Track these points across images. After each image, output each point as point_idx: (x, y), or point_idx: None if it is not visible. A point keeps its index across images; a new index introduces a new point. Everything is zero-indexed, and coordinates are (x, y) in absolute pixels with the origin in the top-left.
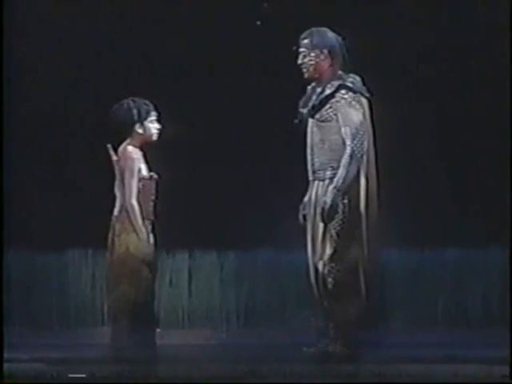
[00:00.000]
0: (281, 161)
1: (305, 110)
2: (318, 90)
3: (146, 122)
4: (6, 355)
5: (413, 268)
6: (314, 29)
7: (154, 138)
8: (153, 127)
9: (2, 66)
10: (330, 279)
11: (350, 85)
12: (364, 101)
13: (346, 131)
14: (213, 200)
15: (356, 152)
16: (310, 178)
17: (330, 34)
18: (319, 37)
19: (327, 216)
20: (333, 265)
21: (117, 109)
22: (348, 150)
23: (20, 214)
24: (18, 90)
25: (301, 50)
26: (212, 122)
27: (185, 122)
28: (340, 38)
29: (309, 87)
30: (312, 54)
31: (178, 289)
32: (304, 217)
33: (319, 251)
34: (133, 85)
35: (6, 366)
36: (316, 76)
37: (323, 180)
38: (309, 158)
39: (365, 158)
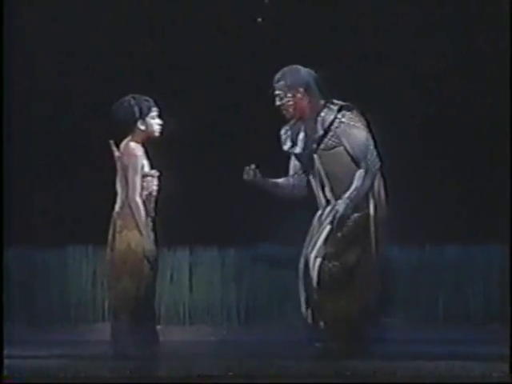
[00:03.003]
0: (281, 157)
1: (297, 149)
2: (308, 123)
3: (147, 118)
4: (6, 352)
5: (413, 265)
6: (286, 68)
7: (157, 133)
8: (155, 123)
9: (3, 62)
10: (330, 275)
11: (346, 104)
12: (360, 115)
13: (355, 152)
14: (213, 196)
15: (371, 166)
16: (332, 203)
17: (303, 72)
18: (292, 77)
19: (337, 224)
20: (334, 262)
21: (118, 107)
22: (363, 166)
23: (20, 211)
24: (19, 86)
25: (276, 92)
26: (212, 119)
27: (185, 118)
28: (313, 72)
29: (286, 127)
30: (289, 95)
31: (178, 285)
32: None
33: (320, 249)
34: (134, 81)
35: (6, 362)
36: (298, 114)
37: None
38: (327, 188)
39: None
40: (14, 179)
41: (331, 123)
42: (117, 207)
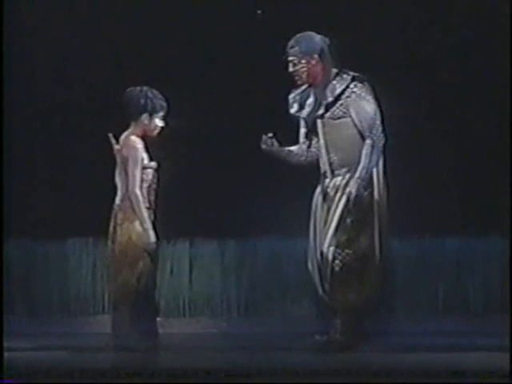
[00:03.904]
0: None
1: (303, 113)
2: (319, 89)
3: (154, 116)
4: (6, 344)
5: (413, 257)
6: (299, 35)
7: (155, 133)
8: (158, 123)
9: (2, 53)
10: (338, 262)
11: (359, 75)
12: (371, 88)
13: (362, 125)
14: (214, 188)
15: (377, 141)
16: (328, 177)
17: (317, 38)
18: (307, 42)
19: (353, 206)
20: (347, 250)
21: (133, 91)
22: (368, 141)
23: (21, 203)
24: (19, 81)
25: (290, 58)
26: (213, 112)
27: (185, 111)
28: (327, 40)
29: (296, 91)
30: (303, 61)
31: (178, 277)
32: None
33: (331, 238)
34: (134, 75)
35: (6, 354)
36: (310, 81)
37: (343, 175)
38: (325, 157)
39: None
40: (14, 172)
41: (342, 92)
42: (117, 200)
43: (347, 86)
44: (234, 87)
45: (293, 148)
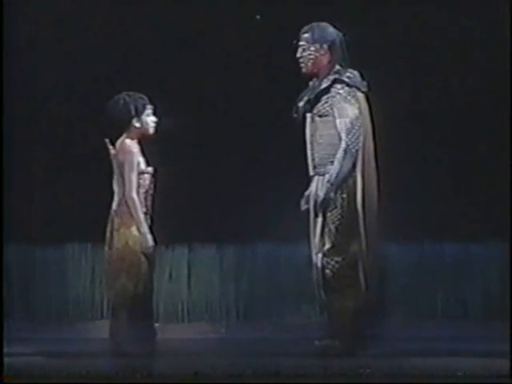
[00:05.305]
0: (279, 154)
1: (301, 104)
2: (315, 84)
3: (142, 116)
4: (5, 349)
5: (412, 262)
6: (314, 23)
7: (151, 131)
8: (150, 120)
9: (2, 59)
10: (328, 272)
11: (345, 79)
12: (360, 95)
13: (340, 126)
14: (212, 194)
15: (351, 147)
16: (311, 173)
17: (331, 30)
18: (320, 31)
19: (319, 209)
20: (336, 258)
21: (113, 104)
22: (343, 145)
23: (20, 209)
24: (18, 86)
25: (301, 43)
26: (210, 116)
27: (183, 115)
28: (340, 34)
29: (310, 82)
30: (312, 49)
31: (177, 283)
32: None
33: (318, 245)
34: (131, 79)
35: (5, 360)
36: (314, 71)
37: (323, 175)
38: (309, 153)
39: (361, 152)
40: (13, 177)
41: (325, 91)
42: (114, 205)
43: (329, 86)
44: (232, 92)
45: None
